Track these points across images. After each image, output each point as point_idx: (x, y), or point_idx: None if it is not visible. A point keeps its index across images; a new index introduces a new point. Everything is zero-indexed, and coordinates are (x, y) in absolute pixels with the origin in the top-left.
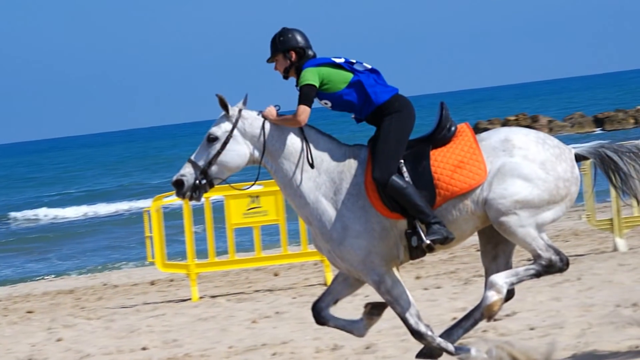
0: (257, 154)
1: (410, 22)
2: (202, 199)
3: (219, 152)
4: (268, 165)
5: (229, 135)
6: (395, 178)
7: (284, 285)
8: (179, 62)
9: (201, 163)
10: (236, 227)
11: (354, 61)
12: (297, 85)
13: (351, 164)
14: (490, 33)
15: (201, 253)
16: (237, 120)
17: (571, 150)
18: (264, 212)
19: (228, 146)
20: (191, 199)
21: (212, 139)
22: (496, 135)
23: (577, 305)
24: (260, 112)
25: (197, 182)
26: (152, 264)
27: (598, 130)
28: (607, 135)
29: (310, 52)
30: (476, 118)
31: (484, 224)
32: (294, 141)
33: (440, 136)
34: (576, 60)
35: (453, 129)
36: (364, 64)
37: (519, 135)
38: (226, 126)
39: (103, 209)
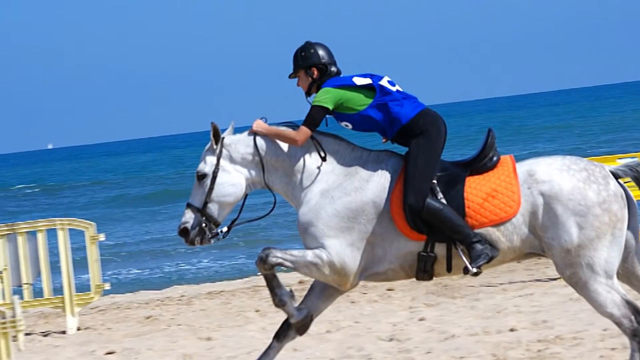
0: (254, 174)
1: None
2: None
3: (211, 189)
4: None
5: (216, 168)
6: (430, 201)
7: None
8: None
9: (198, 204)
10: None
11: (387, 79)
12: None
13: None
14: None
15: None
16: (220, 151)
17: (603, 167)
18: None
19: (218, 179)
20: (202, 243)
21: (201, 177)
22: (520, 168)
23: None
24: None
25: (203, 225)
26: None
27: None
28: None
29: (333, 69)
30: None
31: (512, 260)
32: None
33: (481, 165)
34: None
35: (495, 159)
36: (396, 86)
37: (542, 166)
38: (211, 160)
39: None
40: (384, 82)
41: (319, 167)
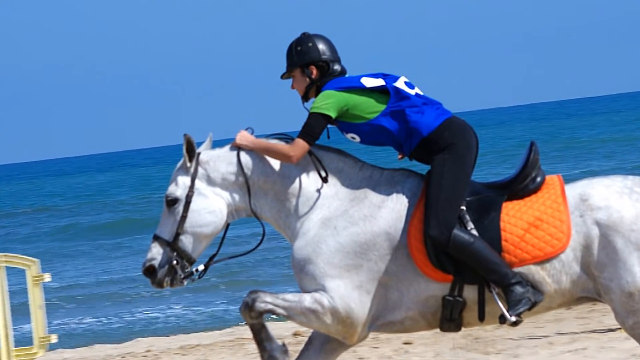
0: (238, 199)
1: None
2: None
3: (183, 217)
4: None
5: (190, 191)
6: (458, 232)
7: None
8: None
9: (167, 237)
10: None
11: (404, 80)
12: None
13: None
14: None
15: None
16: (195, 170)
17: None
18: None
19: (192, 205)
20: (173, 285)
21: (172, 202)
22: (570, 191)
23: None
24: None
25: (174, 262)
26: None
27: None
28: None
29: (336, 67)
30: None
31: (561, 306)
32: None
33: (521, 187)
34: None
35: (539, 180)
36: (415, 89)
37: (598, 189)
38: (184, 181)
39: None
40: (399, 84)
41: (318, 190)
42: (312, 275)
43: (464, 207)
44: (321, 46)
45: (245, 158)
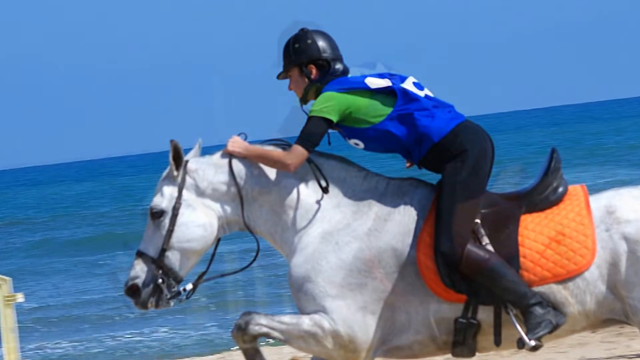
0: (229, 211)
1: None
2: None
3: (170, 231)
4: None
5: (177, 203)
6: (471, 248)
7: None
8: None
9: (152, 253)
10: None
11: (413, 80)
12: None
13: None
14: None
15: None
16: (183, 179)
17: None
18: None
19: (180, 218)
20: (159, 305)
21: (157, 215)
22: (595, 203)
23: None
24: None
25: (160, 281)
26: None
27: None
28: None
29: (338, 67)
30: None
31: (585, 329)
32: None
33: (541, 198)
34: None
35: (561, 190)
36: (425, 90)
37: (625, 201)
38: (171, 191)
39: None
40: (408, 85)
41: (318, 202)
42: (311, 295)
43: (478, 221)
44: (321, 43)
45: (237, 166)
